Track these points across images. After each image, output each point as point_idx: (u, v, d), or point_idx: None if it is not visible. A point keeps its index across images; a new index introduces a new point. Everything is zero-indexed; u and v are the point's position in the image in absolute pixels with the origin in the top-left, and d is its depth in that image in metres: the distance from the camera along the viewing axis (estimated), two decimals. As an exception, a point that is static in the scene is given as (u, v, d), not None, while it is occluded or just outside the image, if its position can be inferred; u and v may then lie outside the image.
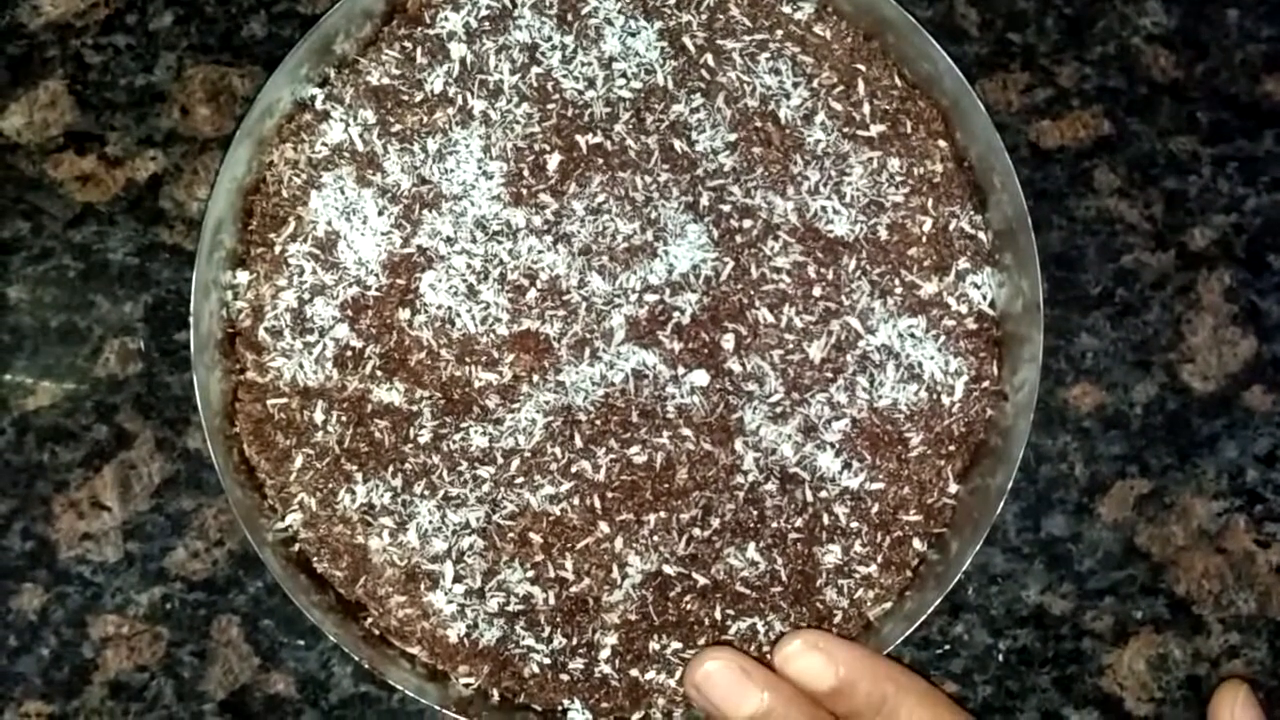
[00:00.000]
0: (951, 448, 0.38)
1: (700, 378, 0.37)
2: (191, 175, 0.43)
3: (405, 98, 0.38)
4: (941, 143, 0.39)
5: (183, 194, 0.43)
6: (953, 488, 0.38)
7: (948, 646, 0.42)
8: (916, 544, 0.38)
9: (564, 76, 0.38)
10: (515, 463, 0.37)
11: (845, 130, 0.38)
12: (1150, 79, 0.44)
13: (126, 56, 0.44)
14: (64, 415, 0.42)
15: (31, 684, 0.41)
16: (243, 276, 0.38)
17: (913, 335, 0.38)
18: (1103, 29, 0.44)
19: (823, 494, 0.37)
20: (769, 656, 0.37)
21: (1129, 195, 0.43)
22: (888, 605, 0.37)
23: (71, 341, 0.42)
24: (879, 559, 0.37)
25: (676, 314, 0.37)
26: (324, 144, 0.38)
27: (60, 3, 0.44)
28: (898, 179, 0.38)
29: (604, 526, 0.37)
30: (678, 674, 0.37)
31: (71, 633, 0.41)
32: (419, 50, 0.39)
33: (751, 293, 0.38)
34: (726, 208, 0.38)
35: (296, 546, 0.37)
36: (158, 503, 0.42)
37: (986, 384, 0.38)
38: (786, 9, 0.39)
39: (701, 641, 0.37)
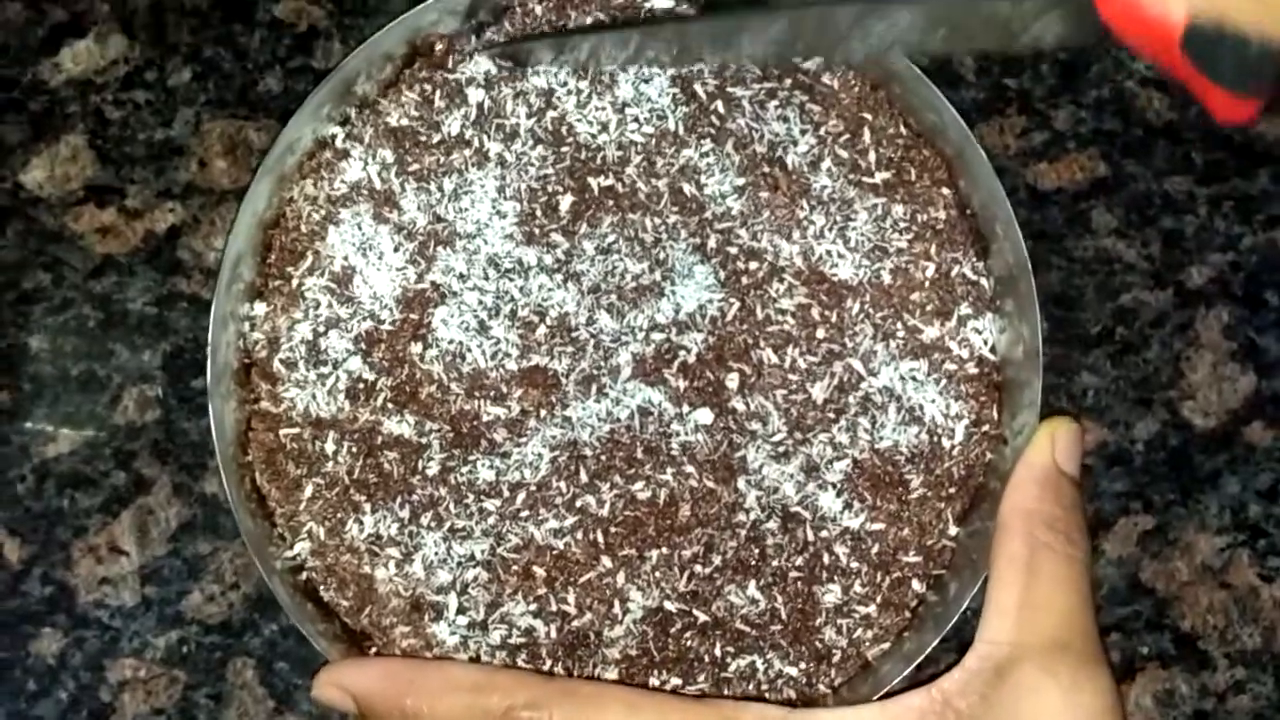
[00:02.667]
0: (951, 490, 0.38)
1: (704, 416, 0.38)
2: (209, 226, 0.44)
3: (423, 139, 0.40)
4: (945, 190, 0.40)
5: (200, 244, 0.44)
6: (952, 530, 0.38)
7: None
8: (915, 585, 0.38)
9: (578, 121, 0.39)
10: (521, 496, 0.38)
11: (851, 177, 0.39)
12: (1145, 121, 0.45)
13: (146, 112, 0.45)
14: (83, 462, 0.43)
15: (50, 728, 0.41)
16: (260, 308, 0.39)
17: (914, 378, 0.38)
18: (1097, 73, 0.45)
19: (823, 533, 0.38)
20: (766, 696, 0.37)
21: (1126, 235, 0.44)
22: (886, 645, 0.38)
23: (91, 389, 0.43)
24: (878, 599, 0.38)
25: (682, 353, 0.38)
26: (343, 181, 0.39)
27: (81, 60, 0.45)
28: (901, 225, 0.39)
29: (606, 561, 0.37)
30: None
31: (89, 676, 0.42)
32: (438, 94, 0.40)
33: (756, 333, 0.38)
34: (733, 250, 0.39)
35: (304, 575, 0.38)
36: (174, 547, 0.42)
37: (986, 428, 0.38)
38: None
39: (701, 679, 0.37)
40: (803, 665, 0.37)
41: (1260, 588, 0.43)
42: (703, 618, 0.37)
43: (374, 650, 0.38)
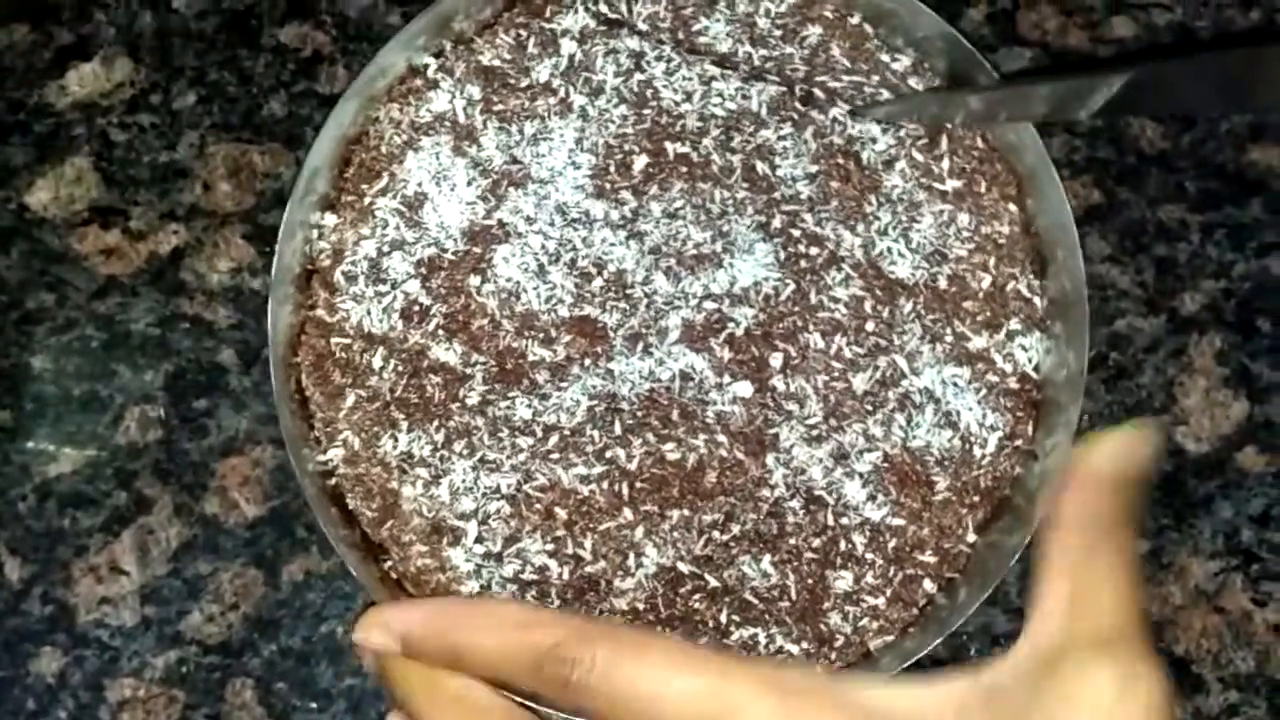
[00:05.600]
0: (976, 498, 0.39)
1: (744, 389, 0.38)
2: (212, 248, 0.45)
3: (512, 81, 0.40)
4: (1012, 206, 0.40)
5: (203, 266, 0.45)
6: (970, 537, 0.39)
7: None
8: (927, 585, 0.38)
9: (664, 87, 0.40)
10: (554, 439, 0.38)
11: (922, 181, 0.40)
12: (1138, 149, 0.46)
13: (150, 135, 0.45)
14: (85, 481, 0.43)
15: (48, 747, 0.42)
16: (330, 219, 0.40)
17: (955, 384, 0.39)
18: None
19: (844, 520, 0.38)
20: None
21: (1120, 262, 0.45)
22: (889, 638, 0.38)
23: (93, 409, 0.44)
24: (888, 592, 0.38)
25: (731, 325, 0.39)
26: (429, 110, 0.40)
27: (87, 82, 0.46)
28: (964, 234, 0.40)
29: (628, 514, 0.38)
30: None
31: (89, 696, 0.42)
32: (532, 40, 0.41)
33: (807, 317, 0.39)
34: (796, 233, 0.39)
35: (333, 481, 0.39)
36: (175, 567, 0.43)
37: (1019, 443, 0.39)
38: (885, 57, 0.41)
39: (703, 641, 0.38)
40: (804, 645, 0.38)
41: (1253, 612, 0.43)
42: (713, 583, 0.38)
43: (388, 564, 0.38)
